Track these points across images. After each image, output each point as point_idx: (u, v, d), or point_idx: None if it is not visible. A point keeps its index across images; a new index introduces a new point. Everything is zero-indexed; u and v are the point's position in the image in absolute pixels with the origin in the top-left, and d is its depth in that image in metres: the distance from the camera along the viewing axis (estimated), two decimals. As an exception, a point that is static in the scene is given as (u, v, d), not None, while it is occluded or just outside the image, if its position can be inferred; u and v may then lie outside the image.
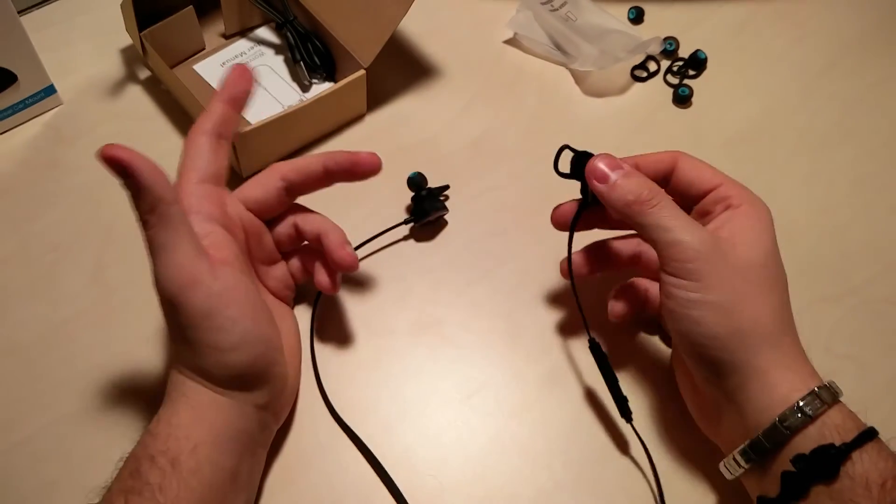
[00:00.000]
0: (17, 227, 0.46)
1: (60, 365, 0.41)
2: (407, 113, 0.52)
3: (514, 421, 0.40)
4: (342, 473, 0.38)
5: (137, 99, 0.51)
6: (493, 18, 0.56)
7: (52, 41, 0.52)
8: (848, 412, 0.33)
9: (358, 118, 0.51)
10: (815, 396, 0.32)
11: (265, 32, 0.54)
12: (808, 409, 0.32)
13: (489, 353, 0.42)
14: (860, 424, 0.32)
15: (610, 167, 0.35)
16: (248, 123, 0.45)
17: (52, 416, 0.39)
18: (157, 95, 0.51)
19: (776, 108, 0.54)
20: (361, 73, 0.48)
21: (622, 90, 0.54)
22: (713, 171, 0.37)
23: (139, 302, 0.43)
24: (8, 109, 0.49)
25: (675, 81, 0.54)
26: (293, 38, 0.51)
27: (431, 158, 0.49)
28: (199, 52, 0.53)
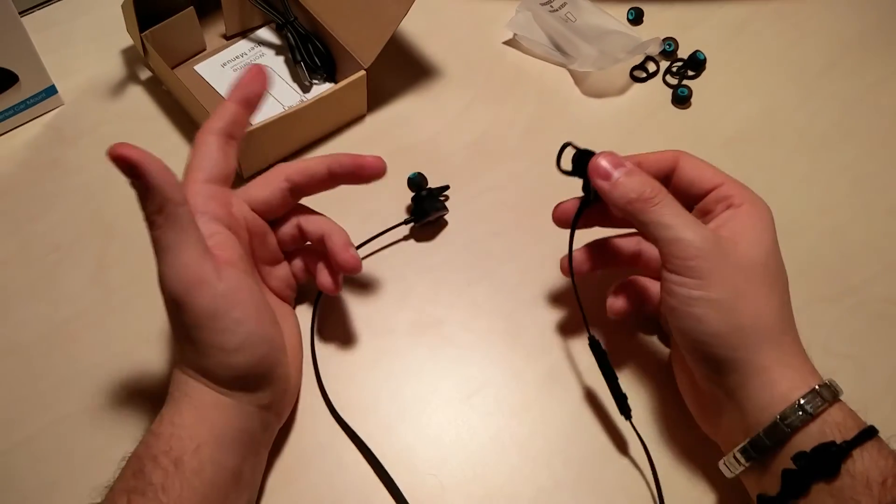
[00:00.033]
0: (18, 227, 0.46)
1: (61, 365, 0.41)
2: (407, 113, 0.52)
3: (514, 420, 0.40)
4: (342, 473, 0.38)
5: (138, 99, 0.51)
6: (492, 19, 0.56)
7: (53, 42, 0.52)
8: (848, 410, 0.33)
9: (358, 119, 0.51)
10: (815, 394, 0.32)
11: (266, 33, 0.54)
12: (808, 406, 0.32)
13: (489, 352, 0.42)
14: (860, 423, 0.32)
15: (613, 165, 0.35)
16: (249, 124, 0.45)
17: (52, 415, 0.39)
18: (157, 96, 0.52)
19: (775, 108, 0.54)
20: (362, 73, 0.48)
21: (621, 91, 0.54)
22: (714, 170, 0.37)
23: (140, 302, 0.43)
24: (9, 110, 0.49)
25: (674, 82, 0.54)
26: (294, 38, 0.51)
27: (431, 159, 0.49)
28: (199, 52, 0.53)
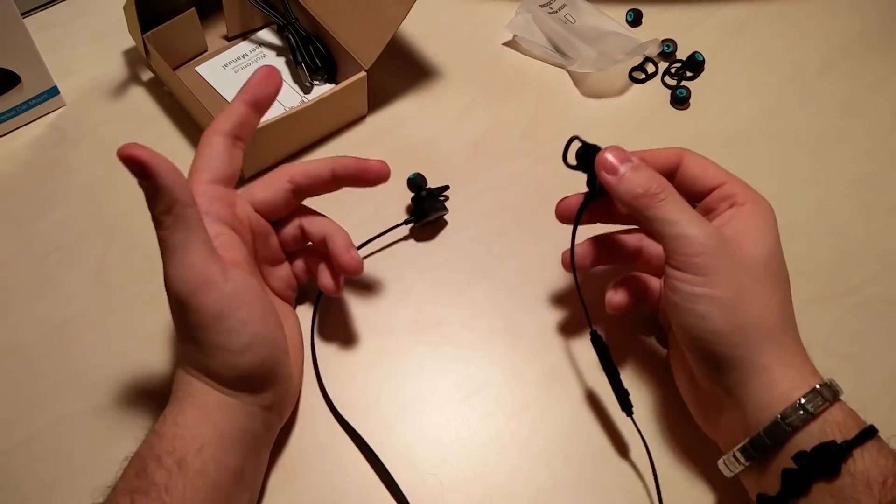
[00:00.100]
0: (20, 227, 0.46)
1: (62, 365, 0.41)
2: (407, 114, 0.52)
3: (514, 420, 0.40)
4: (342, 473, 0.38)
5: (140, 100, 0.51)
6: (492, 20, 0.57)
7: (55, 43, 0.52)
8: (849, 410, 0.33)
9: (359, 119, 0.51)
10: (816, 394, 0.32)
11: (267, 34, 0.54)
12: (809, 406, 0.32)
13: (489, 352, 0.42)
14: (861, 422, 0.32)
15: (619, 160, 0.35)
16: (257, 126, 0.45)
17: (53, 415, 0.39)
18: (159, 97, 0.52)
19: (775, 108, 0.54)
20: (362, 74, 0.48)
21: (620, 92, 0.54)
22: (718, 168, 0.37)
23: (141, 302, 0.43)
24: (11, 110, 0.49)
25: (672, 83, 0.54)
26: (294, 40, 0.51)
27: (431, 159, 0.50)
28: (201, 53, 0.53)
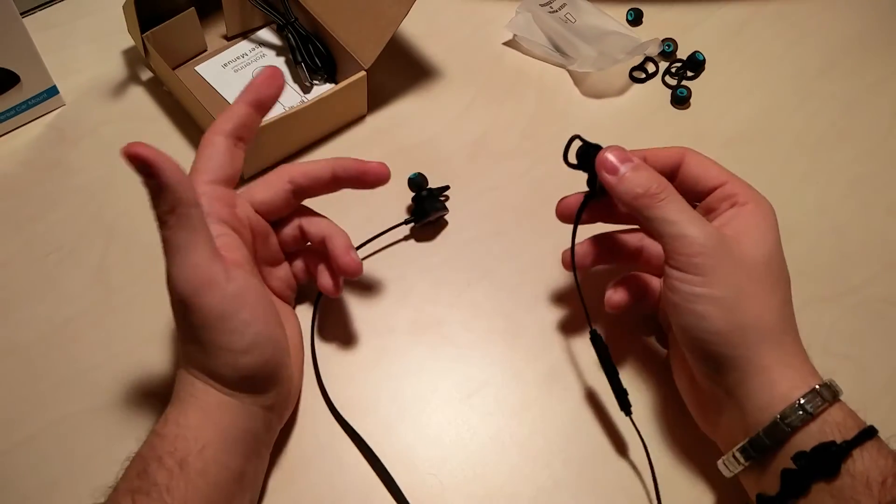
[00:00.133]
0: (19, 227, 0.46)
1: (62, 364, 0.41)
2: (407, 114, 0.52)
3: (514, 420, 0.40)
4: (342, 473, 0.38)
5: (139, 100, 0.51)
6: (492, 20, 0.56)
7: (54, 42, 0.52)
8: (848, 410, 0.33)
9: (359, 119, 0.51)
10: (816, 394, 0.32)
11: (266, 34, 0.54)
12: (808, 406, 0.32)
13: (489, 352, 0.42)
14: (860, 423, 0.32)
15: (620, 159, 0.35)
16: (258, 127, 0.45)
17: (53, 415, 0.39)
18: (158, 96, 0.52)
19: (775, 108, 0.54)
20: (362, 74, 0.48)
21: (621, 91, 0.54)
22: (719, 168, 0.37)
23: (141, 302, 0.43)
24: (10, 110, 0.49)
25: (673, 83, 0.54)
26: (294, 39, 0.51)
27: (432, 159, 0.50)
28: (200, 53, 0.53)
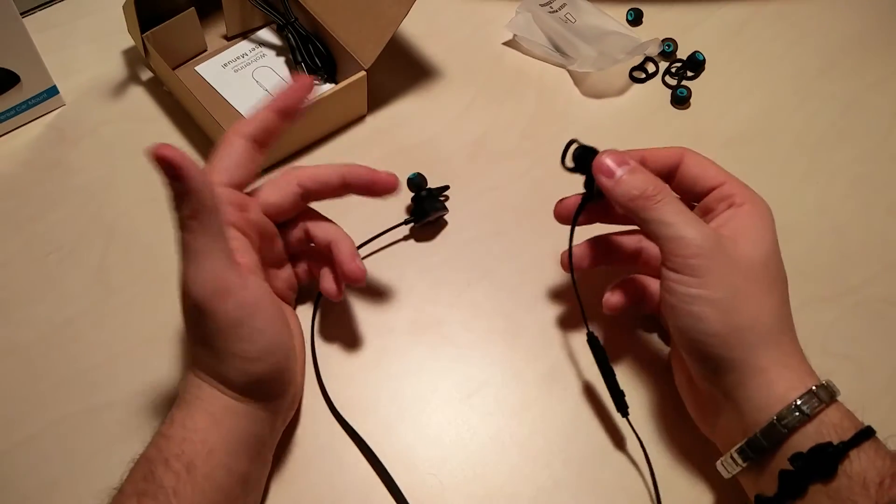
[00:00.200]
0: (19, 227, 0.46)
1: (62, 364, 0.41)
2: (407, 114, 0.52)
3: (514, 420, 0.40)
4: (342, 473, 0.38)
5: (139, 100, 0.51)
6: (492, 20, 0.56)
7: (54, 42, 0.52)
8: (845, 411, 0.33)
9: (358, 119, 0.51)
10: (812, 395, 0.32)
11: (266, 34, 0.54)
12: (805, 407, 0.32)
13: (489, 352, 0.43)
14: (857, 423, 0.32)
15: (616, 163, 0.36)
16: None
17: (53, 415, 0.39)
18: (158, 97, 0.52)
19: (774, 108, 0.54)
20: (362, 74, 0.48)
21: (621, 91, 0.54)
22: (717, 168, 0.37)
23: (141, 302, 0.43)
24: (10, 110, 0.49)
25: (673, 83, 0.54)
26: (294, 39, 0.51)
27: (431, 159, 0.50)
28: (200, 53, 0.53)
